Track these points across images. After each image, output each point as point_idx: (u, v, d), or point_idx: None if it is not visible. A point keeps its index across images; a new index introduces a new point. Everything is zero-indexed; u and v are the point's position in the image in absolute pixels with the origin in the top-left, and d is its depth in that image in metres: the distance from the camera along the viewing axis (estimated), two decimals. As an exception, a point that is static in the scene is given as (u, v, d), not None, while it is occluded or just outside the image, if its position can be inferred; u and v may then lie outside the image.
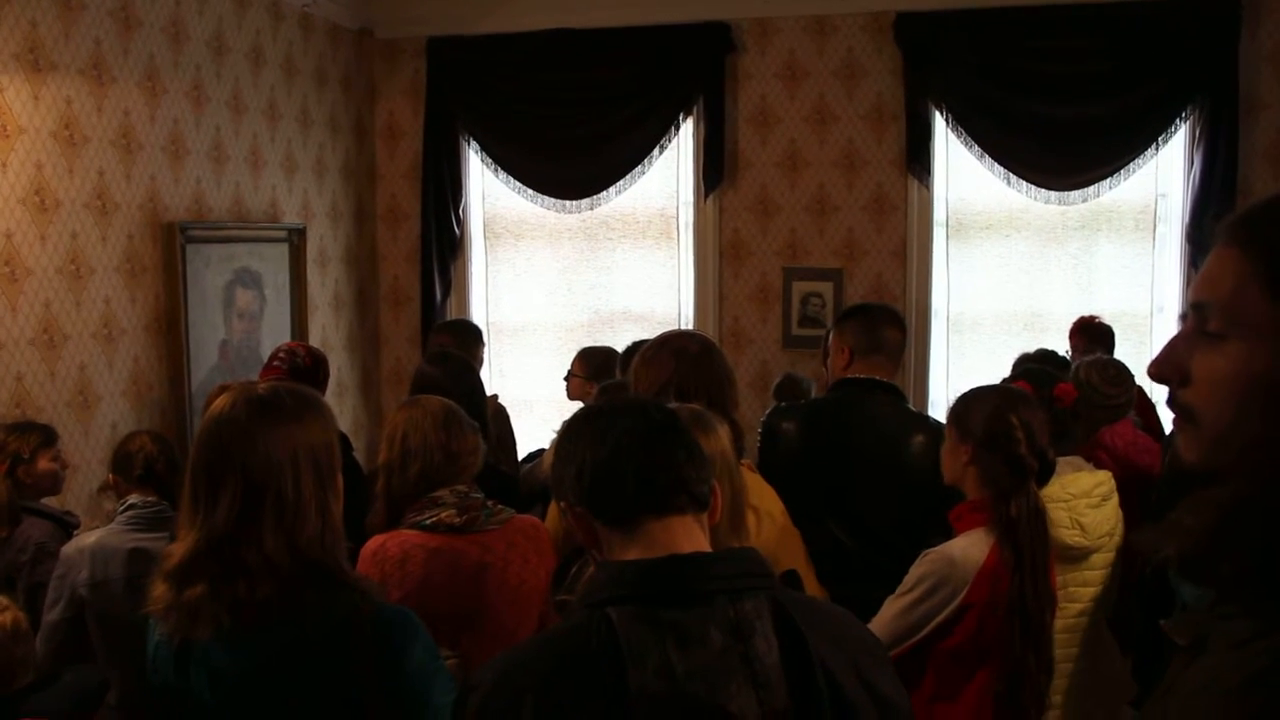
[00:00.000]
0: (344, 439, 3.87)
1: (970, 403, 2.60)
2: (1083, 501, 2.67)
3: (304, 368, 3.88)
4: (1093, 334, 4.88)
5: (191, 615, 1.78)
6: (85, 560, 3.07)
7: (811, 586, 2.53)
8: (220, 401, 1.89)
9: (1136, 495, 3.35)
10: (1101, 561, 2.73)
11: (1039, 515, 2.47)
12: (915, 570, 2.53)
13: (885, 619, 2.54)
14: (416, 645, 1.86)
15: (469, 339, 4.77)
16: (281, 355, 3.96)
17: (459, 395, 3.02)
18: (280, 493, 1.80)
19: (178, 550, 1.83)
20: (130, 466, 3.27)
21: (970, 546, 2.47)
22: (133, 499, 3.21)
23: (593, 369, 4.51)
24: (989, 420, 2.51)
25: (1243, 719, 0.85)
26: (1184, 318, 0.99)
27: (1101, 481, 2.75)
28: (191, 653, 1.81)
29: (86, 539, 3.14)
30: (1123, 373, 3.89)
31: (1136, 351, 5.54)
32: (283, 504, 1.80)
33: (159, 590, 1.83)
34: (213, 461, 1.82)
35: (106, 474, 3.47)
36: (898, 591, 2.55)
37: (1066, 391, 2.86)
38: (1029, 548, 2.42)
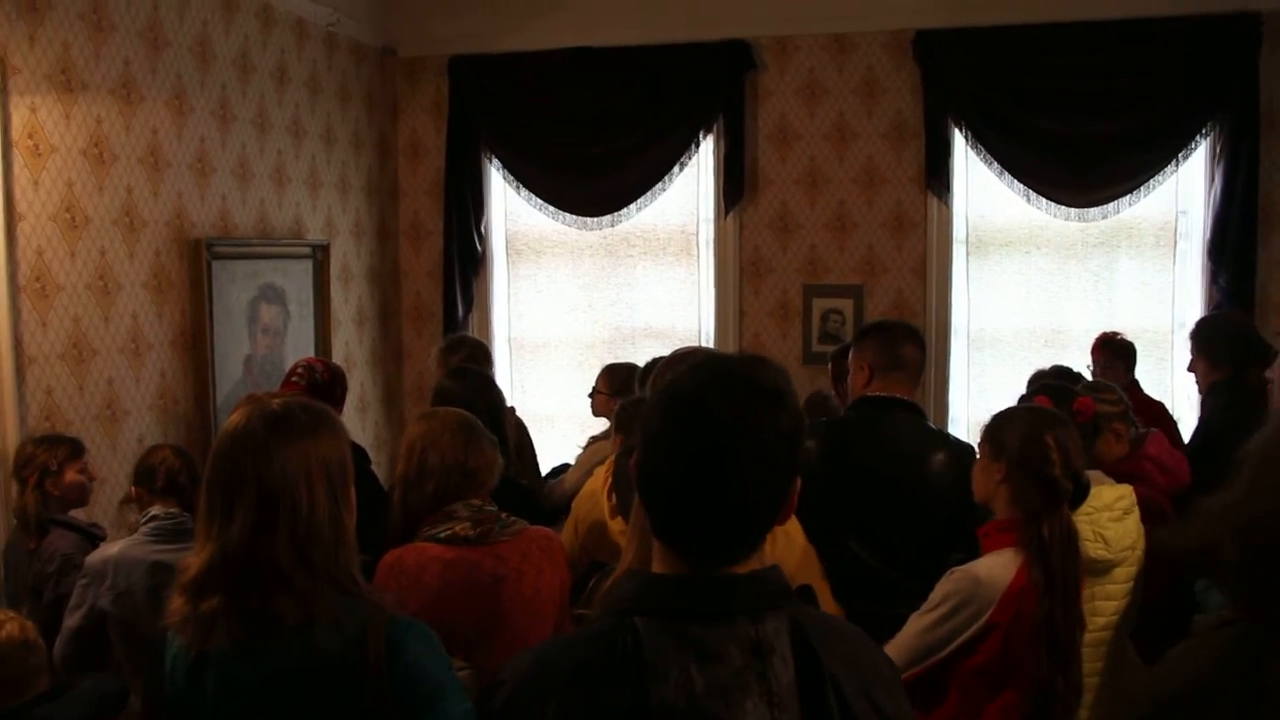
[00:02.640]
0: (361, 452, 3.92)
1: (1005, 422, 2.59)
2: (1105, 515, 2.67)
3: (322, 383, 3.92)
4: (1114, 350, 4.87)
5: (207, 627, 1.81)
6: (109, 570, 3.10)
7: (826, 602, 2.54)
8: (234, 417, 1.92)
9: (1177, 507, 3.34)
10: (1124, 575, 2.72)
11: (1072, 537, 2.46)
12: (940, 588, 2.53)
13: (908, 636, 2.54)
14: (430, 656, 1.87)
15: (481, 357, 4.80)
16: (300, 370, 4.00)
17: (480, 410, 3.05)
18: (295, 506, 1.82)
19: (194, 564, 1.86)
20: (153, 478, 3.31)
21: (997, 566, 2.47)
22: (155, 510, 3.25)
23: (617, 385, 4.53)
24: (1024, 441, 2.50)
25: (1189, 684, 0.99)
26: None
27: (1123, 495, 2.75)
28: (207, 664, 1.84)
29: (110, 549, 3.18)
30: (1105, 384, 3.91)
31: (1157, 368, 5.53)
32: (297, 517, 1.82)
33: (176, 603, 1.86)
34: (228, 475, 1.85)
35: (129, 487, 3.51)
36: (922, 609, 2.55)
37: (1086, 405, 2.87)
38: (1060, 569, 2.41)
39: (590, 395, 4.78)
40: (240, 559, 1.81)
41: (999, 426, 2.59)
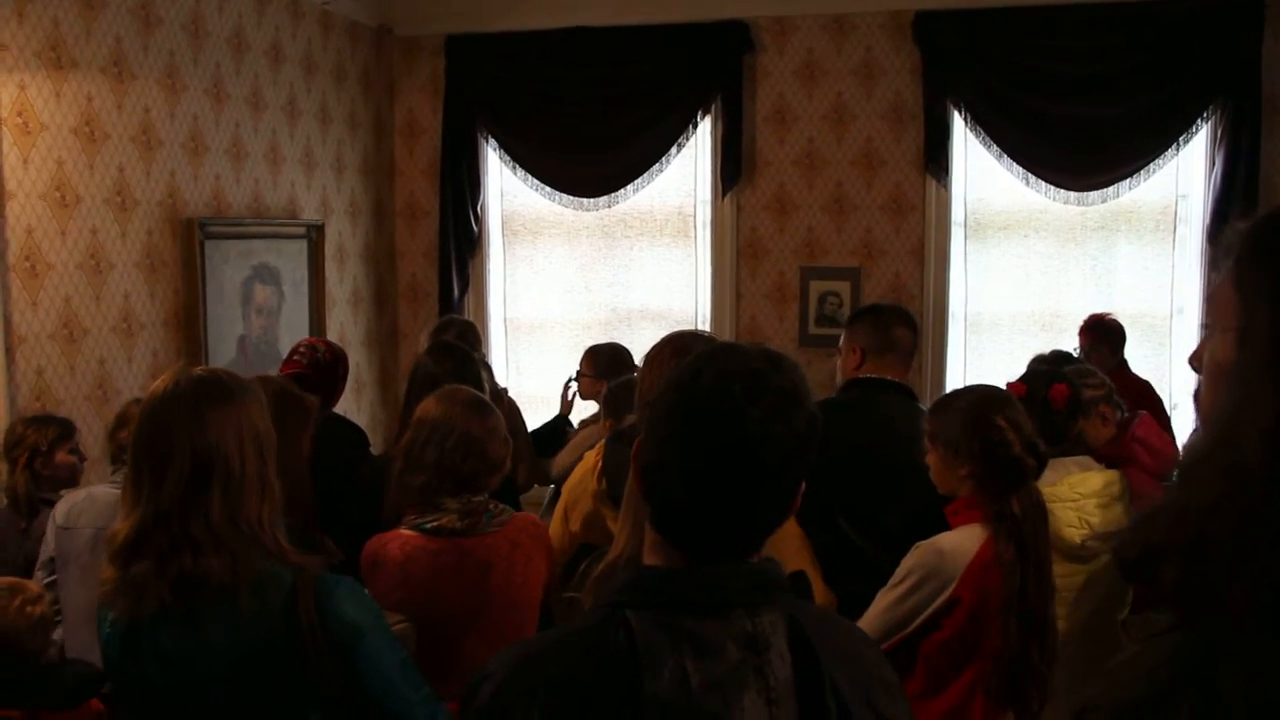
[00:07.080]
0: (360, 434, 3.90)
1: (950, 418, 2.54)
2: (1092, 501, 2.67)
3: (325, 363, 3.89)
4: (1099, 332, 4.85)
5: (136, 592, 1.81)
6: (64, 507, 3.05)
7: (818, 587, 2.54)
8: (160, 382, 1.93)
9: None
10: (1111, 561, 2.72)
11: (1041, 510, 2.47)
12: (905, 562, 2.54)
13: (876, 611, 2.55)
14: (359, 607, 1.89)
15: (470, 338, 4.76)
16: (302, 350, 3.97)
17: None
18: (227, 465, 1.84)
19: (122, 529, 1.86)
20: None
21: (962, 540, 2.47)
22: None
23: (601, 366, 4.50)
24: (976, 431, 2.47)
25: (1146, 694, 0.96)
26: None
27: (1112, 482, 2.74)
28: (140, 637, 1.85)
29: (78, 493, 3.12)
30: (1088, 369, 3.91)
31: (1156, 353, 5.51)
32: (229, 477, 1.84)
33: (107, 573, 1.86)
34: (158, 438, 1.86)
35: (109, 438, 3.36)
36: (888, 584, 2.56)
37: (1061, 392, 2.85)
38: (1033, 542, 2.42)
39: (575, 378, 4.75)
40: (173, 520, 1.82)
41: (945, 425, 2.53)
